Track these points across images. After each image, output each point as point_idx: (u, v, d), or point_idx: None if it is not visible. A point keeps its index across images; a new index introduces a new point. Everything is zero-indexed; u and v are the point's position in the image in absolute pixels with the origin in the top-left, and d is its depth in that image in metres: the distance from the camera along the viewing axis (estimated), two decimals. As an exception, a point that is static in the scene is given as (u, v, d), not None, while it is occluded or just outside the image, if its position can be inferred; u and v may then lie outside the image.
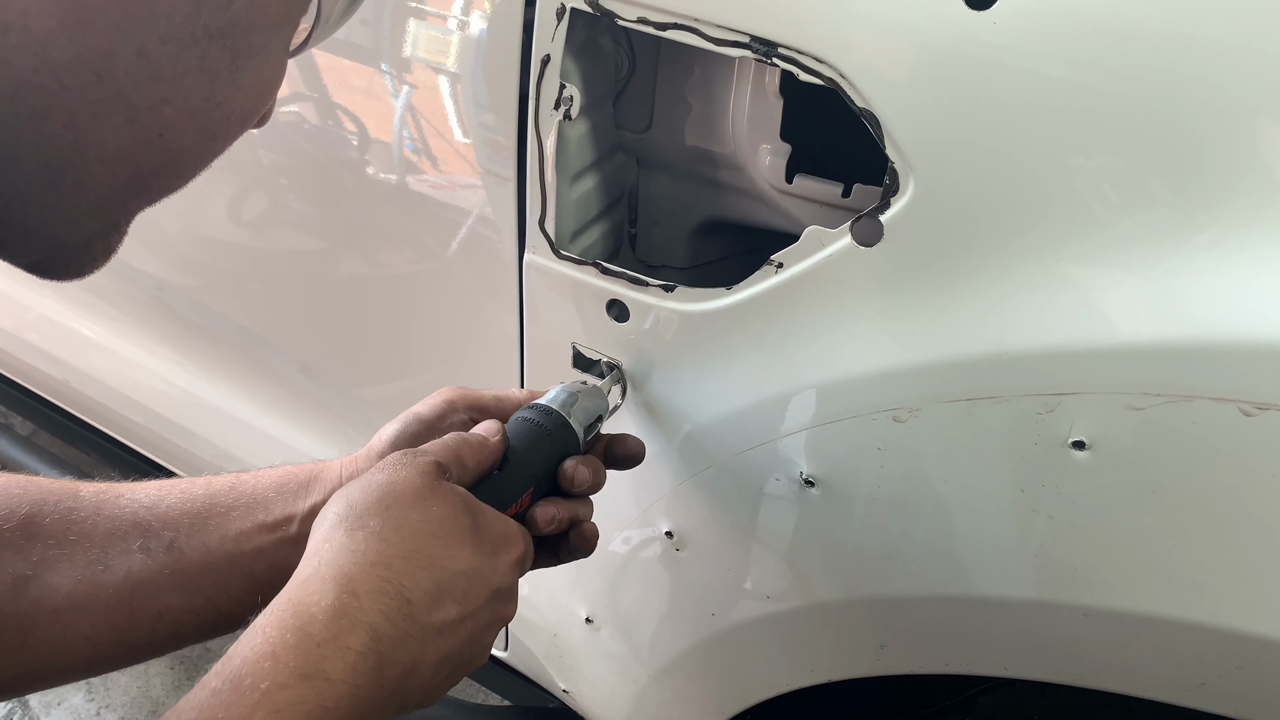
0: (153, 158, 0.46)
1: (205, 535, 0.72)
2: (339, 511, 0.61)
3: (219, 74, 0.46)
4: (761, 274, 0.80)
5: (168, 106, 0.45)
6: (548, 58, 0.82)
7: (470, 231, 1.00)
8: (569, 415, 0.78)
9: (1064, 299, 0.68)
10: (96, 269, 0.51)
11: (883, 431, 0.77)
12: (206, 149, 0.49)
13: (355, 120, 1.07)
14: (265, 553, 0.74)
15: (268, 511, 0.74)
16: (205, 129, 0.48)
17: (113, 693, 1.91)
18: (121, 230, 0.51)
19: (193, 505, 0.73)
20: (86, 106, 0.43)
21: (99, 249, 0.50)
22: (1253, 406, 0.62)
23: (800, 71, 0.72)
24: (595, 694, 1.14)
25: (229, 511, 0.74)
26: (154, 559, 0.70)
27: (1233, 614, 0.67)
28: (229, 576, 0.73)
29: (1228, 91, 0.61)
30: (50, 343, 1.63)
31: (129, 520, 0.70)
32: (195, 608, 0.72)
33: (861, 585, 0.84)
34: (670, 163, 0.96)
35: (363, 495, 0.61)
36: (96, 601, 0.68)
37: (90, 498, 0.71)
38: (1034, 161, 0.67)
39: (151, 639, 0.71)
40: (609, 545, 1.01)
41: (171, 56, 0.44)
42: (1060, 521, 0.72)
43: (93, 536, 0.69)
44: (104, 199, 0.47)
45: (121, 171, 0.46)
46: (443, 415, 0.78)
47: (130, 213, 0.50)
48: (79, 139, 0.44)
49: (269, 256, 1.29)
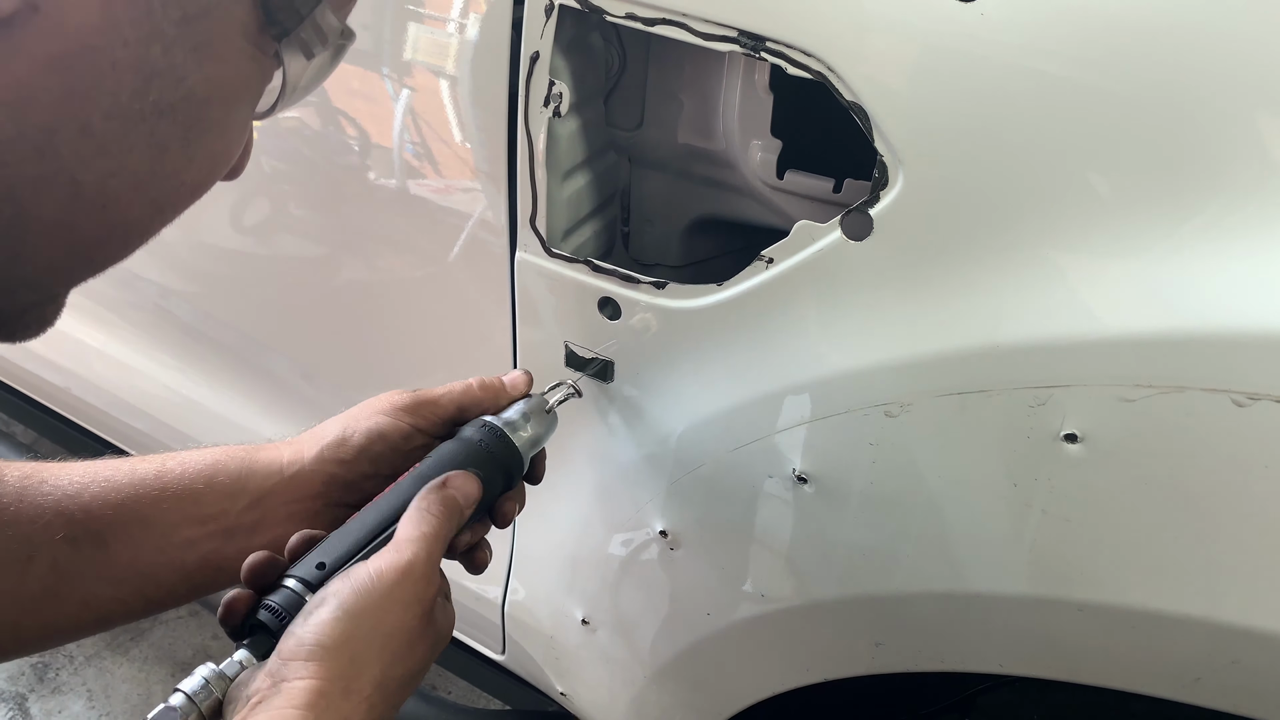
0: (97, 229, 0.46)
1: (132, 528, 0.71)
2: (340, 666, 0.59)
3: (168, 147, 0.45)
4: (752, 270, 0.80)
5: (113, 179, 0.44)
6: (537, 55, 0.82)
7: (462, 231, 1.00)
8: (522, 447, 0.79)
9: (1054, 291, 0.68)
10: (35, 335, 0.50)
11: (875, 427, 0.76)
12: (154, 220, 0.48)
13: (352, 122, 1.07)
14: (196, 545, 0.73)
15: (198, 505, 0.73)
16: (153, 200, 0.47)
17: (113, 700, 1.91)
18: (59, 301, 0.50)
19: (117, 494, 0.72)
20: (27, 182, 0.42)
21: (33, 318, 0.49)
22: (1245, 397, 0.62)
23: (789, 65, 0.72)
24: (593, 696, 1.14)
25: (156, 502, 0.72)
26: (80, 551, 0.69)
27: (1228, 608, 0.67)
28: (158, 568, 0.72)
29: (1213, 81, 0.61)
30: (52, 350, 1.64)
31: (52, 509, 0.69)
32: (123, 596, 0.71)
33: (856, 582, 0.83)
34: (662, 160, 0.96)
35: (368, 650, 0.60)
36: (22, 590, 0.67)
37: (14, 483, 0.69)
38: (1023, 153, 0.67)
39: (78, 625, 0.71)
40: (604, 546, 1.01)
41: (117, 134, 0.43)
42: (1053, 515, 0.71)
43: (17, 524, 0.67)
44: (42, 270, 0.46)
45: (62, 243, 0.45)
46: (380, 426, 0.78)
47: (71, 283, 0.49)
48: (18, 212, 0.42)
49: (269, 262, 1.29)
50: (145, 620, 2.07)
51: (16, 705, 1.90)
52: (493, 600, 1.19)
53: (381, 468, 0.77)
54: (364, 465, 0.77)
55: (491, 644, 1.25)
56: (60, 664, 1.98)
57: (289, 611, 0.62)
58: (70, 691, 1.93)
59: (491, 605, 1.20)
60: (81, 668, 1.97)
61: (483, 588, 1.20)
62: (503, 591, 1.18)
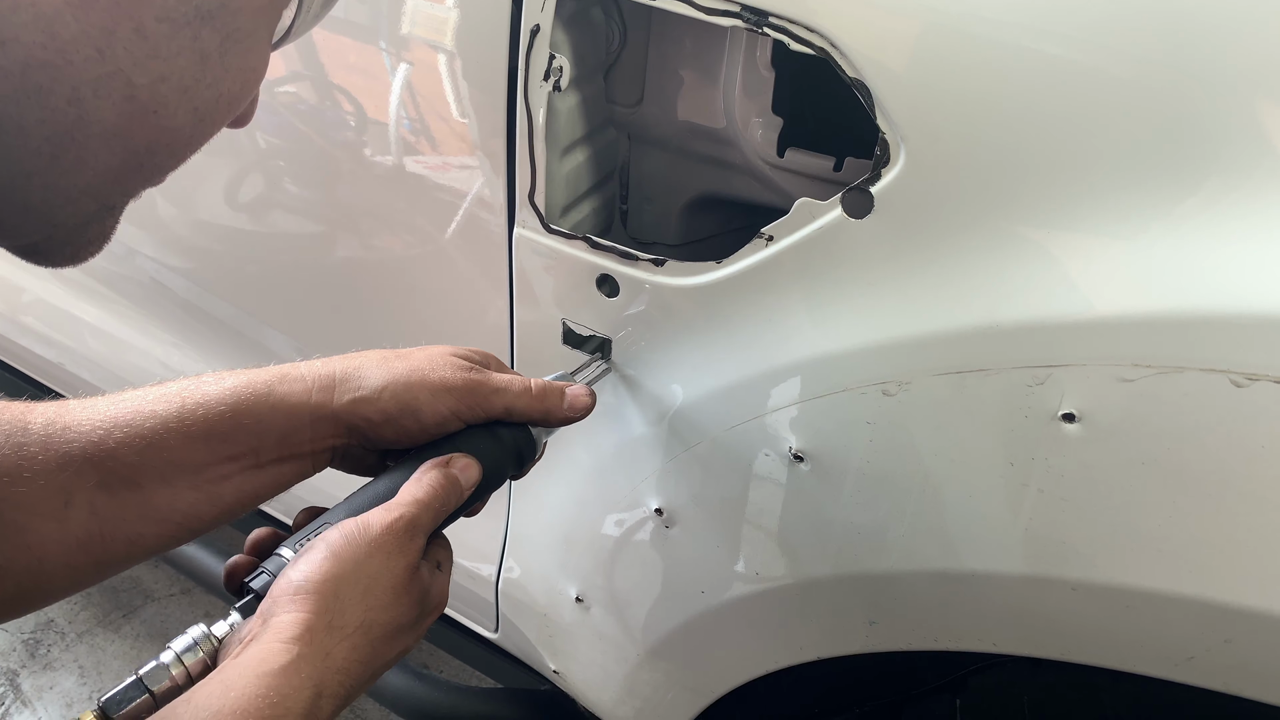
0: (148, 135, 0.49)
1: (164, 470, 0.72)
2: (326, 602, 0.62)
3: (209, 55, 0.49)
4: (751, 247, 0.80)
5: (163, 85, 0.47)
6: (537, 28, 0.81)
7: (460, 206, 0.99)
8: (539, 443, 0.80)
9: (1054, 270, 0.68)
10: (92, 254, 0.53)
11: (872, 406, 0.76)
12: (197, 129, 0.51)
13: (349, 97, 1.06)
14: (230, 479, 0.74)
15: (225, 444, 0.73)
16: (196, 109, 0.50)
17: (105, 676, 1.91)
18: (117, 212, 0.53)
19: (142, 440, 0.72)
20: (89, 82, 0.45)
21: (95, 232, 0.52)
22: (1243, 377, 0.62)
23: (791, 41, 0.71)
24: (586, 674, 1.14)
25: (184, 444, 0.72)
26: (115, 495, 0.70)
27: (1221, 587, 0.67)
28: (196, 504, 0.73)
29: (1211, 62, 0.61)
30: (46, 325, 1.63)
31: (80, 456, 0.70)
32: (166, 533, 0.73)
33: (851, 561, 0.83)
34: (662, 138, 0.96)
35: (352, 590, 0.64)
36: (67, 536, 0.69)
37: (39, 430, 0.70)
38: (1023, 132, 0.67)
39: (127, 558, 0.72)
40: (599, 524, 1.01)
41: (167, 35, 0.46)
42: (1050, 495, 0.71)
43: (48, 472, 0.68)
44: (102, 177, 0.49)
45: (119, 149, 0.48)
46: (438, 398, 0.76)
47: (127, 193, 0.52)
48: (81, 114, 0.46)
49: (266, 239, 1.28)
50: (137, 597, 2.07)
51: (8, 681, 1.90)
52: (487, 578, 1.19)
53: (404, 438, 0.77)
54: (388, 432, 0.76)
55: (485, 622, 1.26)
56: (52, 640, 1.98)
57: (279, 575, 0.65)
58: (62, 667, 1.93)
59: (486, 583, 1.20)
60: (73, 644, 1.97)
61: (477, 566, 1.20)
62: (497, 570, 1.18)
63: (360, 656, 0.63)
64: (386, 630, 0.65)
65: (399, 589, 0.66)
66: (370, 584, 0.64)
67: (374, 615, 0.64)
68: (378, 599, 0.64)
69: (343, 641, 0.62)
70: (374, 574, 0.65)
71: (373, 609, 0.64)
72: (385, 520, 0.67)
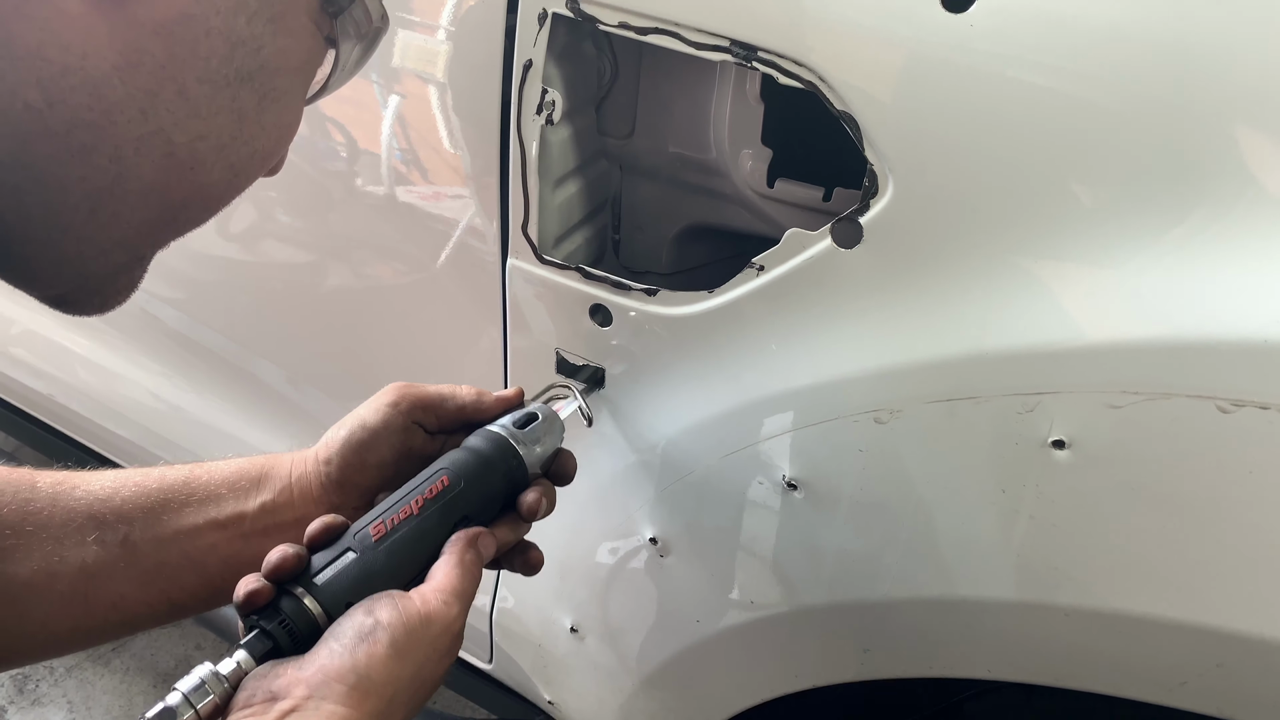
0: (184, 190, 0.50)
1: (159, 530, 0.74)
2: (382, 705, 0.60)
3: (247, 114, 0.51)
4: (743, 277, 0.80)
5: (201, 143, 0.49)
6: (530, 63, 0.82)
7: (454, 238, 1.00)
8: (523, 452, 0.75)
9: (1042, 298, 0.69)
10: (120, 303, 0.55)
11: (864, 433, 0.77)
12: (231, 184, 0.53)
13: (342, 129, 1.07)
14: (217, 549, 0.75)
15: (220, 508, 0.76)
16: (232, 165, 0.52)
17: (94, 711, 1.89)
18: (146, 262, 0.55)
19: (147, 499, 0.75)
20: (131, 141, 0.47)
21: (124, 281, 0.54)
22: (1229, 403, 0.63)
23: (780, 75, 0.73)
24: (581, 705, 1.13)
25: (183, 507, 0.75)
26: (108, 551, 0.72)
27: (1212, 611, 0.67)
28: (182, 571, 0.74)
29: (1196, 92, 0.62)
30: (36, 357, 1.63)
31: (84, 512, 0.72)
32: (148, 599, 0.74)
33: (845, 589, 0.83)
34: (653, 168, 0.97)
35: (408, 689, 0.61)
36: (52, 591, 0.69)
37: (46, 489, 0.72)
38: (1011, 163, 0.68)
39: (105, 626, 0.73)
40: (594, 553, 1.01)
41: (207, 96, 0.48)
42: (1041, 521, 0.72)
43: (49, 528, 0.70)
44: (136, 230, 0.50)
45: (155, 203, 0.50)
46: (387, 421, 0.77)
47: (157, 245, 0.54)
48: (121, 171, 0.47)
49: (258, 269, 1.29)
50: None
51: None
52: (481, 609, 1.19)
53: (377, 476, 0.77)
54: (358, 476, 0.76)
55: (479, 653, 1.25)
56: (40, 675, 1.95)
57: (295, 624, 0.62)
58: (51, 703, 1.91)
59: (480, 614, 1.19)
60: (62, 679, 1.95)
61: (470, 596, 1.19)
62: (491, 600, 1.18)
63: None
64: (420, 705, 0.65)
65: (434, 687, 0.65)
66: (419, 687, 0.63)
67: (410, 713, 0.63)
68: (420, 700, 0.64)
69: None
70: (425, 678, 0.63)
71: (412, 709, 0.63)
72: (446, 619, 0.64)
